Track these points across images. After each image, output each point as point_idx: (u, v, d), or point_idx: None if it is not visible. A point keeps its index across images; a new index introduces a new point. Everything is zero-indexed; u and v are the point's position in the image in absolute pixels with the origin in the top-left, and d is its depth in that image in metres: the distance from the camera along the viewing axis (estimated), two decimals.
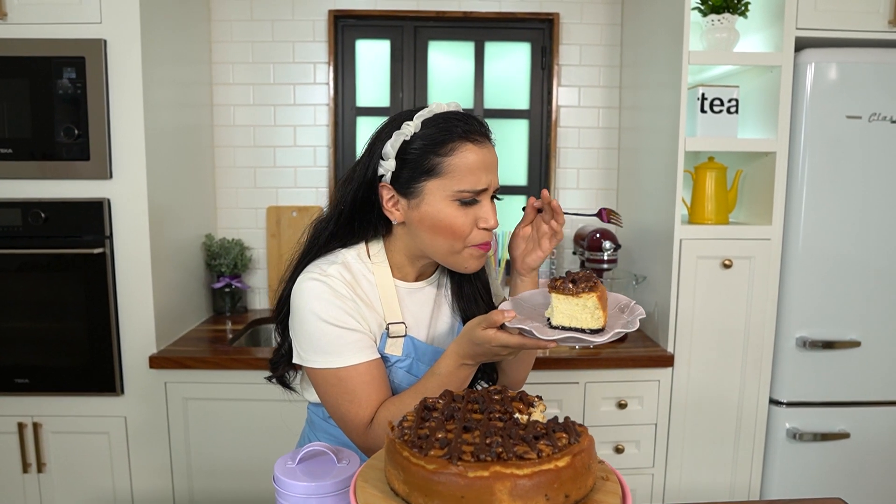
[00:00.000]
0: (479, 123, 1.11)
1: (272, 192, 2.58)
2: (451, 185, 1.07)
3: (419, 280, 1.22)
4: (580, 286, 0.98)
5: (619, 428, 2.13)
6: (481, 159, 1.07)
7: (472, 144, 1.07)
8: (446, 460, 0.71)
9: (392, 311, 1.16)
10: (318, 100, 2.54)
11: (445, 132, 1.07)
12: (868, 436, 2.16)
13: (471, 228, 1.09)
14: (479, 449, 0.72)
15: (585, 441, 0.77)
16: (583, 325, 0.98)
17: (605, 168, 2.63)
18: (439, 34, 2.58)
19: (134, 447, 2.07)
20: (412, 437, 0.77)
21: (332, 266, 1.12)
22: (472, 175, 1.06)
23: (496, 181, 1.12)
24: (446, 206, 1.07)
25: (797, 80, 2.03)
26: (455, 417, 0.81)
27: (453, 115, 1.10)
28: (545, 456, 0.72)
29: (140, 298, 2.01)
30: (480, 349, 1.02)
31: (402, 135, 1.09)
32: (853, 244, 2.08)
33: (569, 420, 0.80)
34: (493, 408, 0.84)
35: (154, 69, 2.00)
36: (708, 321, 2.10)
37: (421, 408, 0.85)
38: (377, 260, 1.17)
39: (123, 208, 1.96)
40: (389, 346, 1.15)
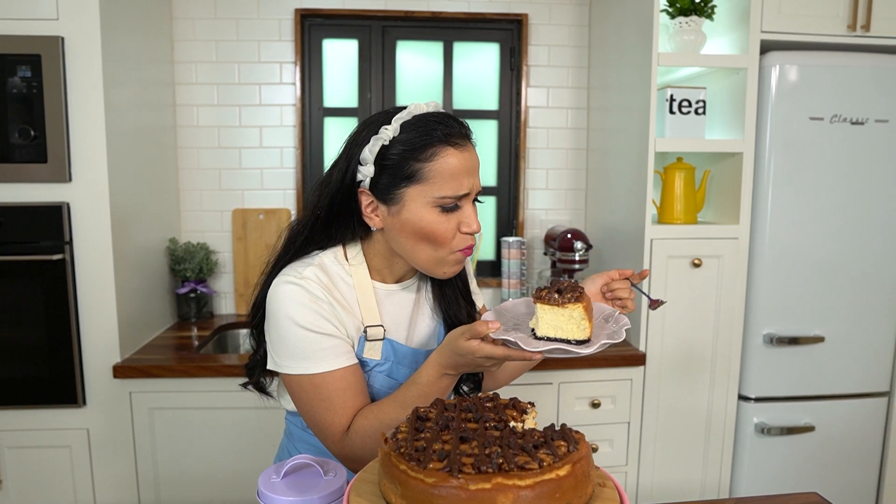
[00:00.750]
0: (459, 125, 1.08)
1: (238, 195, 2.52)
2: (433, 191, 1.04)
3: (398, 282, 1.20)
4: (566, 297, 0.96)
5: (592, 427, 2.15)
6: (463, 163, 1.04)
7: (452, 148, 1.04)
8: (447, 473, 0.69)
9: (370, 314, 1.13)
10: (285, 100, 2.49)
11: (425, 136, 1.04)
12: (832, 428, 2.22)
13: (453, 234, 1.07)
14: (479, 460, 0.70)
15: (584, 448, 0.76)
16: (568, 335, 0.97)
17: (573, 168, 2.65)
18: (407, 34, 2.56)
19: (97, 460, 1.99)
20: (409, 449, 0.75)
21: (308, 268, 1.09)
22: (454, 180, 1.04)
23: (478, 184, 1.09)
24: (428, 212, 1.05)
25: (762, 82, 2.07)
26: (450, 427, 0.80)
27: (433, 117, 1.07)
28: (546, 465, 0.71)
29: (102, 306, 1.93)
30: (463, 360, 0.99)
31: (380, 139, 1.05)
32: (816, 242, 2.14)
33: (566, 427, 0.79)
34: (487, 416, 0.82)
35: (115, 68, 1.93)
36: (679, 320, 2.13)
37: (414, 418, 0.83)
38: (355, 262, 1.14)
39: (84, 212, 1.89)
40: (368, 349, 1.12)
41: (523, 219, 2.64)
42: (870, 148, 2.11)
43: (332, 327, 1.07)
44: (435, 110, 1.09)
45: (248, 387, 1.25)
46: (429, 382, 1.03)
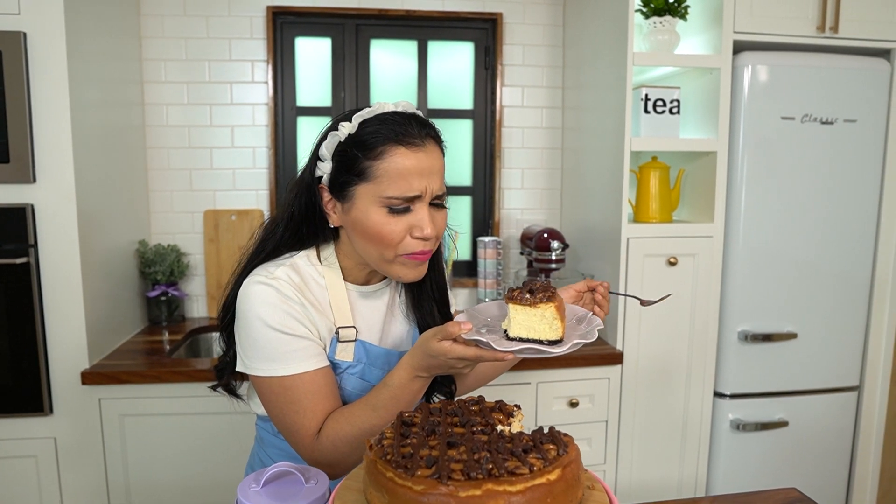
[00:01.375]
0: (419, 125, 1.04)
1: (209, 195, 2.47)
2: (380, 190, 1.01)
3: (372, 284, 1.18)
4: (538, 296, 0.96)
5: (571, 426, 2.14)
6: (414, 164, 1.01)
7: (403, 148, 1.01)
8: (435, 480, 0.68)
9: (342, 315, 1.11)
10: (257, 99, 2.45)
11: (376, 135, 1.02)
12: (805, 423, 2.26)
13: (403, 236, 1.03)
14: (468, 466, 0.69)
15: (573, 451, 0.75)
16: (541, 336, 0.97)
17: (549, 168, 2.65)
18: (381, 32, 2.53)
19: (65, 470, 1.93)
20: (395, 456, 0.73)
21: (280, 269, 1.07)
22: (403, 181, 1.01)
23: (436, 187, 1.04)
24: (375, 212, 1.02)
25: (735, 82, 2.10)
26: (437, 432, 0.78)
27: (391, 115, 1.04)
28: (537, 470, 0.70)
29: (69, 310, 1.87)
30: (435, 361, 0.98)
31: (336, 136, 1.05)
32: (788, 240, 2.16)
33: (554, 430, 0.78)
34: (474, 420, 0.81)
35: (80, 65, 1.88)
36: (655, 318, 2.14)
37: (399, 423, 0.81)
38: (327, 263, 1.13)
39: (49, 214, 1.83)
40: (340, 351, 1.11)
41: (499, 218, 2.63)
42: (839, 147, 2.15)
43: (303, 328, 1.06)
44: (403, 110, 1.07)
45: (217, 389, 1.22)
46: (400, 385, 1.02)
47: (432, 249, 1.08)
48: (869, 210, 2.21)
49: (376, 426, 1.01)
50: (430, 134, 1.06)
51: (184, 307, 2.46)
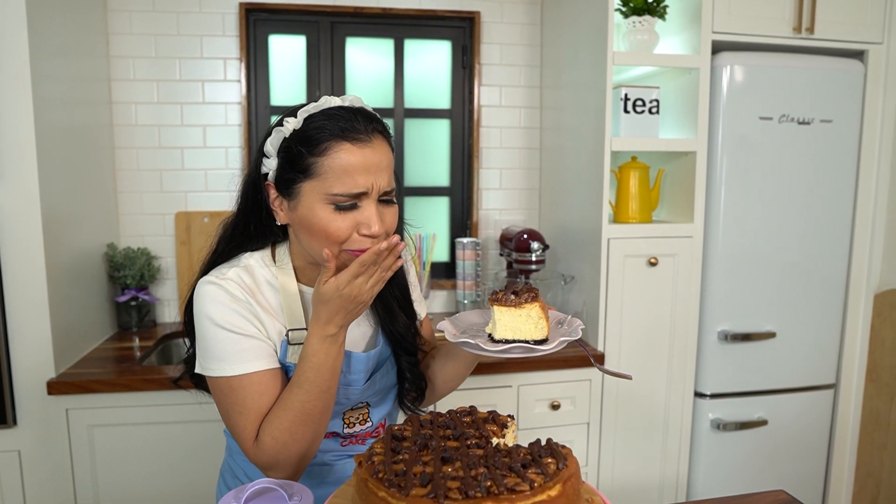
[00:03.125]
0: (365, 120, 1.01)
1: (181, 197, 2.39)
2: (325, 187, 0.98)
3: None
4: (522, 297, 0.98)
5: (553, 429, 2.13)
6: (359, 160, 0.98)
7: (348, 144, 0.98)
8: (432, 500, 0.64)
9: (294, 317, 1.08)
10: (230, 98, 2.38)
11: (321, 130, 0.99)
12: (784, 421, 2.27)
13: (349, 233, 1.00)
14: (466, 484, 0.66)
15: (573, 465, 0.73)
16: (527, 336, 0.98)
17: (527, 168, 2.63)
18: (357, 30, 2.49)
19: (30, 484, 1.85)
20: (387, 473, 0.69)
21: (232, 269, 1.06)
22: (348, 177, 0.98)
23: (384, 183, 1.01)
24: (321, 209, 0.99)
25: (714, 82, 2.10)
26: (430, 447, 0.75)
27: (337, 110, 1.01)
28: (538, 486, 0.67)
29: (33, 317, 1.79)
30: (334, 304, 0.97)
31: (281, 132, 1.02)
32: (766, 240, 2.17)
33: (552, 442, 0.76)
34: (468, 433, 0.78)
35: (44, 62, 1.80)
36: (636, 319, 2.13)
37: (389, 437, 0.77)
38: (281, 264, 1.11)
39: (12, 216, 1.75)
40: (291, 354, 1.07)
41: (477, 219, 2.60)
42: (816, 147, 2.16)
43: (252, 328, 1.03)
44: (350, 104, 1.04)
45: (177, 383, 1.23)
46: (314, 352, 0.99)
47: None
48: (844, 209, 2.24)
49: (308, 403, 0.98)
50: (378, 129, 1.03)
51: (155, 312, 2.38)
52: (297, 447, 0.99)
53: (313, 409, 0.98)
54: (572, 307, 2.32)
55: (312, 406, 0.98)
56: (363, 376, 1.12)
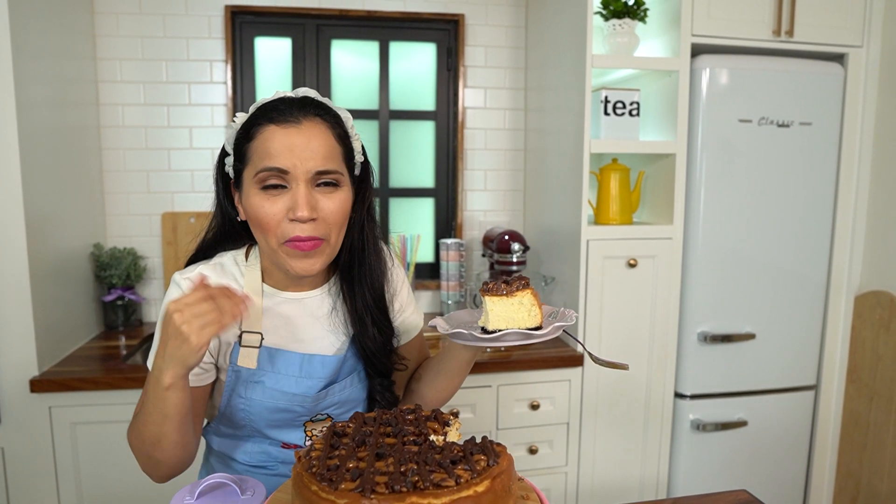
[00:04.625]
0: (299, 105, 1.02)
1: (167, 198, 2.42)
2: (253, 170, 1.00)
3: (301, 290, 1.13)
4: (514, 285, 0.98)
5: (532, 429, 2.14)
6: (282, 139, 0.99)
7: (273, 126, 0.99)
8: (358, 494, 0.66)
9: (252, 319, 1.08)
10: (216, 100, 2.41)
11: (255, 118, 1.02)
12: (764, 422, 2.28)
13: (279, 220, 0.99)
14: (393, 479, 0.68)
15: (505, 462, 0.74)
16: (520, 325, 0.98)
17: (511, 169, 2.65)
18: (342, 33, 2.51)
19: (14, 481, 1.87)
20: (321, 468, 0.71)
21: (200, 267, 1.08)
22: (267, 155, 0.98)
23: (313, 165, 0.99)
24: (254, 194, 1.00)
25: (694, 85, 2.11)
26: (367, 443, 0.77)
27: (277, 101, 1.04)
28: (464, 482, 0.69)
29: (17, 316, 1.82)
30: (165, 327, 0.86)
31: (233, 128, 1.05)
32: (746, 242, 2.19)
33: (486, 440, 0.77)
34: (406, 430, 0.80)
35: (27, 63, 1.82)
36: (615, 320, 2.15)
37: (330, 434, 0.79)
38: (250, 265, 1.11)
39: None
40: (243, 357, 1.06)
41: (462, 220, 2.62)
42: (795, 150, 2.18)
43: None
44: (293, 95, 1.06)
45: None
46: (147, 381, 0.94)
47: (319, 238, 1.02)
48: (824, 211, 2.25)
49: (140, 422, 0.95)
50: (315, 113, 1.03)
51: (141, 311, 2.41)
52: (137, 454, 1.00)
53: (143, 432, 0.95)
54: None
55: (143, 428, 0.95)
56: (317, 382, 1.09)
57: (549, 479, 2.18)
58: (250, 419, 1.10)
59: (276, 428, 1.11)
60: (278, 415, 1.09)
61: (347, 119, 1.09)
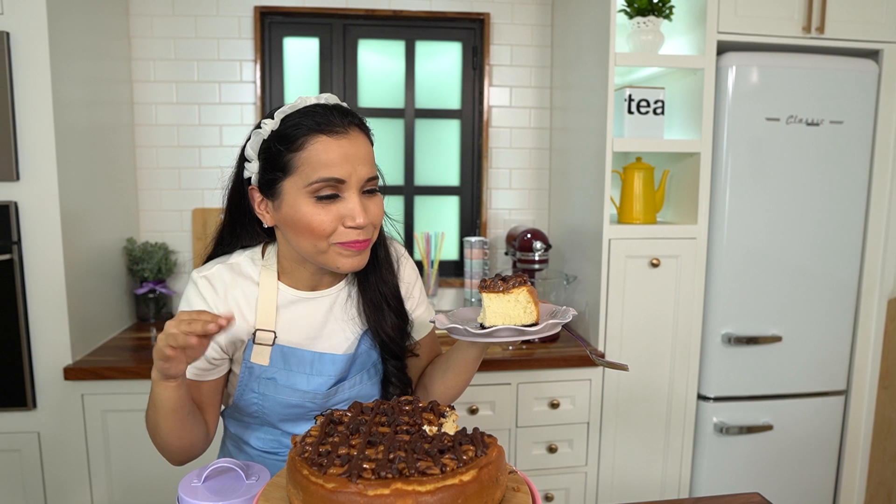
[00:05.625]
0: (341, 114, 1.04)
1: (198, 194, 2.49)
2: (303, 180, 1.01)
3: (316, 289, 1.16)
4: (510, 283, 0.99)
5: (551, 428, 2.14)
6: (336, 150, 1.01)
7: (324, 136, 1.01)
8: (346, 478, 0.68)
9: (265, 318, 1.11)
10: (245, 99, 2.46)
11: (297, 127, 1.03)
12: (790, 427, 2.24)
13: (334, 226, 1.02)
14: (380, 466, 0.69)
15: (493, 453, 0.76)
16: (516, 321, 0.99)
17: (536, 168, 2.64)
18: (369, 32, 2.54)
19: (49, 464, 1.96)
20: (312, 453, 0.73)
21: (217, 266, 1.11)
22: (324, 167, 1.00)
23: (364, 173, 1.03)
24: (303, 204, 1.02)
25: (719, 83, 2.08)
26: (360, 431, 0.79)
27: (312, 108, 1.05)
28: (449, 471, 0.70)
29: (53, 307, 1.90)
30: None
31: (260, 134, 1.06)
32: (773, 242, 2.15)
33: (477, 431, 0.79)
34: (400, 420, 0.81)
35: (65, 64, 1.90)
36: (637, 320, 2.13)
37: (326, 421, 0.82)
38: (267, 263, 1.13)
39: (32, 212, 1.85)
40: (256, 354, 1.10)
41: (486, 219, 2.63)
42: (825, 149, 2.13)
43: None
44: (325, 102, 1.07)
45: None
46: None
47: (369, 238, 1.06)
48: (856, 212, 2.19)
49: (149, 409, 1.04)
50: (355, 122, 1.06)
51: (172, 304, 2.48)
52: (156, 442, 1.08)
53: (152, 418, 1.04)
54: (576, 307, 2.33)
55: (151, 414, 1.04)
56: (328, 380, 1.12)
57: (569, 479, 2.18)
58: (263, 412, 1.13)
59: (288, 421, 1.15)
60: (290, 409, 1.13)
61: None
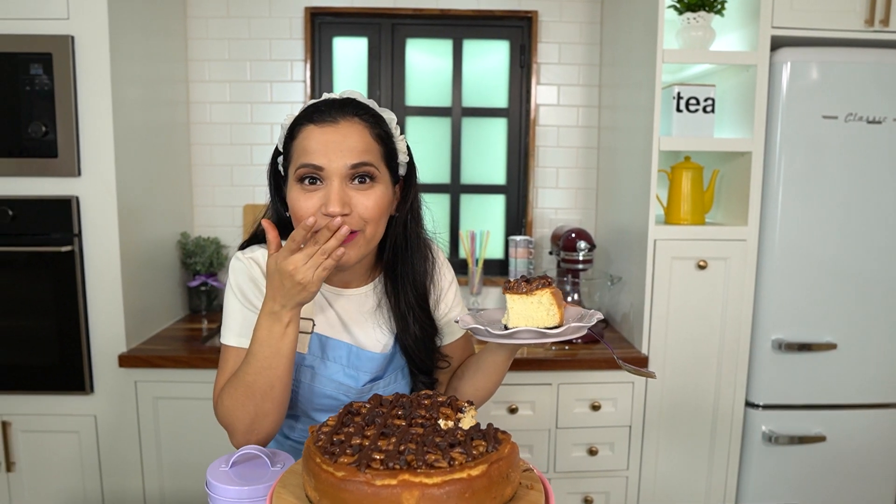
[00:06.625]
0: (339, 106, 1.06)
1: (249, 190, 2.56)
2: (294, 167, 1.05)
3: (347, 287, 1.18)
4: (533, 284, 0.98)
5: (592, 430, 2.11)
6: (318, 137, 1.03)
7: (312, 125, 1.05)
8: (355, 467, 0.70)
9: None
10: (295, 97, 2.52)
11: (297, 119, 1.08)
12: (844, 439, 2.14)
13: (313, 213, 1.02)
14: (389, 457, 0.70)
15: (506, 449, 0.75)
16: (539, 324, 0.98)
17: (584, 167, 2.61)
18: (417, 32, 2.56)
19: (104, 446, 2.05)
20: (325, 442, 0.75)
21: (261, 250, 1.13)
22: (304, 153, 1.03)
23: (347, 160, 1.02)
24: (294, 189, 1.05)
25: (773, 80, 2.01)
26: (376, 423, 0.80)
27: (320, 102, 1.09)
28: (457, 465, 0.70)
29: (109, 297, 1.99)
30: (275, 281, 0.97)
31: (283, 128, 1.11)
32: (830, 245, 2.06)
33: (491, 427, 0.79)
34: (417, 413, 0.82)
35: (124, 66, 1.99)
36: (683, 323, 2.08)
37: (344, 412, 0.83)
38: None
39: (92, 206, 1.95)
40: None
41: (532, 218, 2.61)
42: (887, 147, 2.02)
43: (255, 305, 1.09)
44: (336, 97, 1.10)
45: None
46: (259, 326, 1.00)
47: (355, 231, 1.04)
48: None
49: (249, 376, 1.01)
50: (353, 112, 1.07)
51: (222, 297, 2.55)
52: (240, 415, 1.02)
53: (254, 383, 1.00)
54: (620, 309, 2.30)
55: (253, 380, 1.00)
56: (364, 375, 1.14)
57: (609, 482, 2.15)
58: (298, 401, 1.16)
59: (322, 412, 1.17)
60: (324, 400, 1.15)
61: (391, 120, 1.13)
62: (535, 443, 2.10)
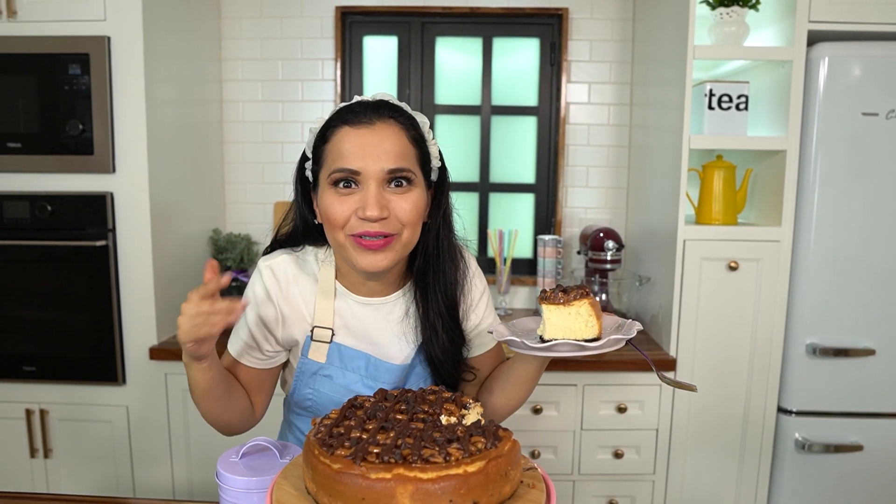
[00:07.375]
0: (373, 108, 1.04)
1: (280, 188, 2.60)
2: (327, 170, 1.03)
3: (373, 296, 1.15)
4: (571, 295, 0.95)
5: (618, 433, 2.08)
6: (354, 140, 1.01)
7: (347, 127, 1.02)
8: (350, 460, 0.70)
9: (323, 315, 1.11)
10: (326, 96, 2.54)
11: (329, 121, 1.05)
12: (884, 449, 2.06)
13: (347, 218, 1.01)
14: (385, 450, 0.70)
15: (506, 447, 0.75)
16: (577, 335, 0.94)
17: (615, 166, 2.57)
18: (447, 30, 2.56)
19: (135, 436, 2.11)
20: (325, 434, 0.75)
21: (283, 255, 1.13)
22: (340, 156, 1.01)
23: (385, 164, 1.00)
24: (327, 193, 1.03)
25: (809, 76, 1.95)
26: (377, 417, 0.80)
27: (353, 104, 1.06)
28: (453, 460, 0.70)
29: (141, 290, 2.04)
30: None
31: (313, 132, 1.09)
32: (868, 247, 1.99)
33: (492, 424, 0.78)
34: (419, 408, 0.82)
35: (157, 66, 2.04)
36: (712, 325, 2.03)
37: (347, 405, 0.83)
38: (327, 261, 1.14)
39: (126, 202, 2.00)
40: (313, 350, 1.11)
41: (561, 217, 2.59)
42: None
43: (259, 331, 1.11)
44: (369, 99, 1.08)
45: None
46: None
47: (389, 234, 1.02)
48: None
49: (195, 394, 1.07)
50: (387, 115, 1.04)
51: None
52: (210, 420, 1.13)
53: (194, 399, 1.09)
54: (649, 310, 2.26)
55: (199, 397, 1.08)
56: (383, 386, 1.12)
57: (635, 486, 2.11)
58: (316, 408, 1.16)
59: None
60: None
61: (424, 123, 1.10)
62: (560, 444, 2.08)
